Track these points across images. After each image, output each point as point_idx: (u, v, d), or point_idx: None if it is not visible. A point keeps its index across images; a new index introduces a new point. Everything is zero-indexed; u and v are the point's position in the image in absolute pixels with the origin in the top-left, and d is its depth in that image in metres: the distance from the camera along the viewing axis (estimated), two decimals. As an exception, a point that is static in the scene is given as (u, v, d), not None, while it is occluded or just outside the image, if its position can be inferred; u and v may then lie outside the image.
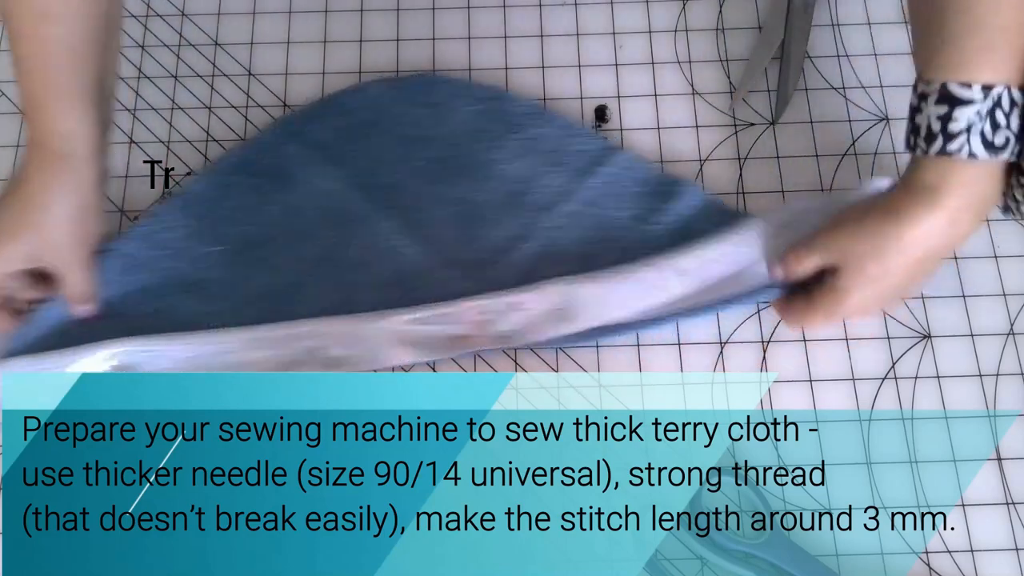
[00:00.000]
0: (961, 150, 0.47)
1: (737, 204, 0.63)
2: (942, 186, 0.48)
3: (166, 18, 0.70)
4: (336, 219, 0.61)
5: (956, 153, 0.47)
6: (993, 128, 0.47)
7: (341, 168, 0.63)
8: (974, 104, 0.47)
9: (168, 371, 0.57)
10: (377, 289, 0.59)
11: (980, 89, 0.47)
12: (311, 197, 0.62)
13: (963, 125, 0.47)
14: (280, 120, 0.65)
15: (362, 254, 0.60)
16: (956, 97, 0.47)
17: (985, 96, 0.47)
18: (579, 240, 0.60)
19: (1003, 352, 0.59)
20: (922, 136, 0.49)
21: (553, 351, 0.59)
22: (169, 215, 0.61)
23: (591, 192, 0.62)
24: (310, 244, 0.60)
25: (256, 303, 0.59)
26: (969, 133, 0.47)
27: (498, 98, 0.65)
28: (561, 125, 0.64)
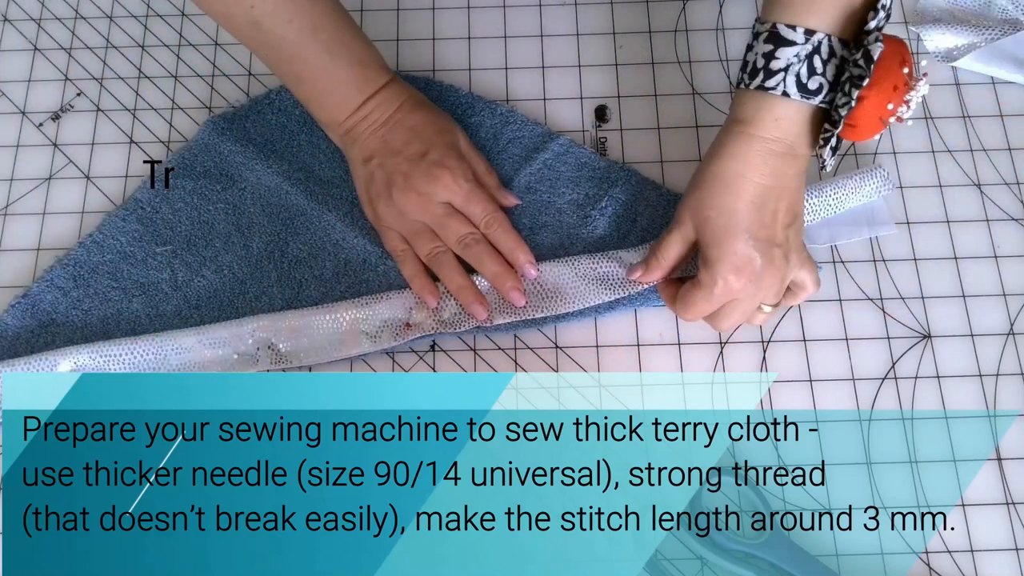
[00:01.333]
0: (777, 87, 0.49)
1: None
2: (754, 119, 0.51)
3: (166, 18, 0.70)
4: (279, 215, 0.62)
5: (772, 89, 0.49)
6: (809, 72, 0.49)
7: (281, 164, 0.63)
8: (796, 46, 0.49)
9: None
10: (323, 283, 0.60)
11: (803, 32, 0.48)
12: (252, 194, 0.63)
13: (782, 64, 0.49)
14: (211, 121, 0.65)
15: (306, 249, 0.61)
16: (781, 37, 0.49)
17: (807, 40, 0.49)
18: (520, 226, 0.61)
19: (1003, 352, 0.59)
20: (747, 72, 0.51)
21: (554, 351, 0.59)
22: (117, 222, 0.62)
23: (529, 178, 0.63)
24: (254, 241, 0.61)
25: (204, 303, 0.60)
26: (786, 72, 0.49)
27: (430, 89, 0.66)
28: (496, 113, 0.65)
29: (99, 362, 0.57)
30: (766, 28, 0.50)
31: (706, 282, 0.52)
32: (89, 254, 0.61)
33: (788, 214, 0.52)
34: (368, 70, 0.58)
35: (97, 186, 0.64)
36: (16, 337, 0.59)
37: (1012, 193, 0.63)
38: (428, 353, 0.60)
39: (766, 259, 0.51)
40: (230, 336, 0.58)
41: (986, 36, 0.66)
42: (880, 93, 0.48)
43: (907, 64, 0.49)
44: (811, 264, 0.55)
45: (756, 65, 0.50)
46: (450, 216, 0.58)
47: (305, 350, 0.58)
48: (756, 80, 0.50)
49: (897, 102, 0.49)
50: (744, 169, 0.51)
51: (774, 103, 0.50)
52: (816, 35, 0.49)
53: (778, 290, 0.53)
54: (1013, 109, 0.66)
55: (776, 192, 0.51)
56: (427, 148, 0.58)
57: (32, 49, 0.69)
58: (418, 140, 0.58)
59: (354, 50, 0.57)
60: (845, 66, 0.49)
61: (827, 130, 0.50)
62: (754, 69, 0.50)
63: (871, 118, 0.49)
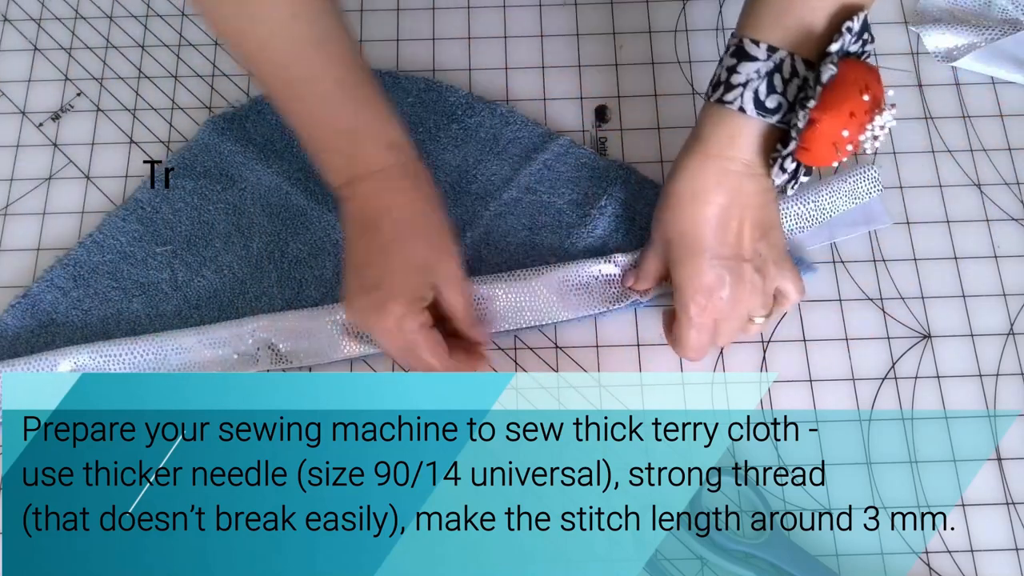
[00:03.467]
0: (734, 102, 0.48)
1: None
2: (710, 136, 0.50)
3: (166, 18, 0.70)
4: (278, 215, 0.62)
5: (729, 104, 0.48)
6: (768, 90, 0.48)
7: (280, 164, 0.63)
8: (757, 62, 0.48)
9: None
10: (324, 283, 0.60)
11: (766, 48, 0.48)
12: (253, 194, 0.63)
13: (743, 79, 0.48)
14: (211, 121, 0.65)
15: (307, 249, 0.61)
16: (745, 51, 0.48)
17: (769, 56, 0.48)
18: (520, 226, 0.61)
19: (1003, 352, 0.59)
20: (712, 84, 0.50)
21: (554, 351, 0.59)
22: (117, 222, 0.62)
23: (529, 178, 0.63)
24: (255, 241, 0.61)
25: (204, 303, 0.60)
26: (745, 88, 0.48)
27: (430, 89, 0.66)
28: (496, 113, 0.65)
29: (99, 362, 0.57)
30: (734, 42, 0.49)
31: (681, 308, 0.52)
32: (89, 254, 0.61)
33: (755, 229, 0.51)
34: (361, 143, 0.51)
35: (97, 186, 0.64)
36: (16, 337, 0.59)
37: (1012, 193, 0.63)
38: (428, 353, 0.60)
39: (735, 276, 0.51)
40: (230, 336, 0.58)
41: (986, 36, 0.66)
42: (834, 118, 0.47)
43: (870, 92, 0.47)
44: (793, 272, 0.54)
45: (720, 78, 0.49)
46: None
47: (305, 351, 0.58)
48: (716, 93, 0.49)
49: (854, 130, 0.47)
50: (700, 188, 0.50)
51: (730, 119, 0.49)
52: (779, 52, 0.48)
53: (762, 302, 0.53)
54: (1013, 109, 0.66)
55: (737, 210, 0.51)
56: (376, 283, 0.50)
57: (32, 49, 0.69)
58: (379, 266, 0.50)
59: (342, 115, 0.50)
60: (807, 87, 0.48)
61: (777, 150, 0.49)
62: (717, 82, 0.49)
63: (824, 142, 0.48)
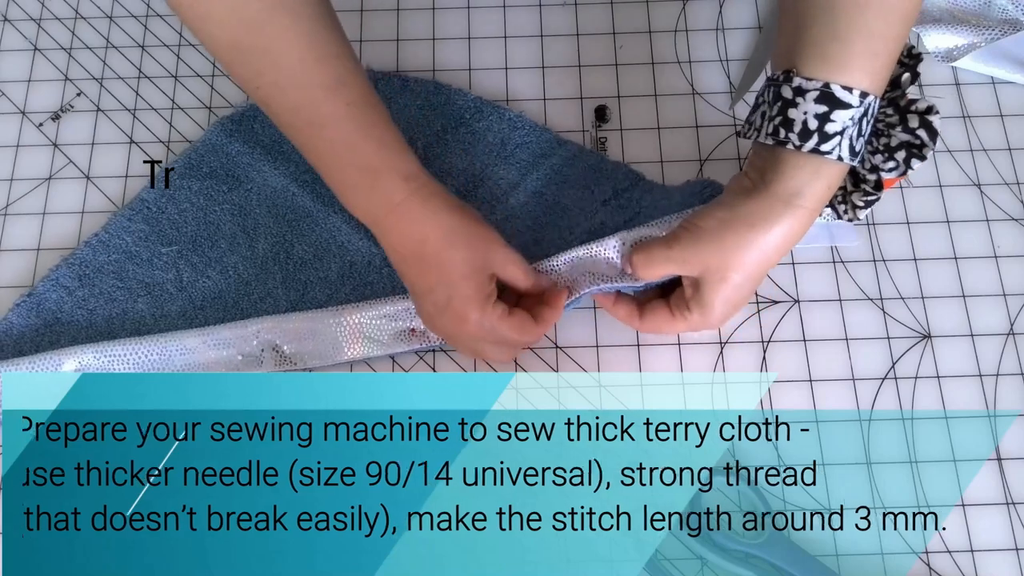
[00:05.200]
0: (832, 152, 0.47)
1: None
2: (808, 192, 0.48)
3: (166, 18, 0.70)
4: (284, 216, 0.62)
5: (827, 154, 0.47)
6: (858, 135, 0.47)
7: (288, 165, 0.63)
8: (851, 109, 0.46)
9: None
10: (328, 285, 0.60)
11: (859, 95, 0.46)
12: (259, 195, 0.63)
13: (839, 127, 0.46)
14: (220, 121, 0.65)
15: (312, 251, 0.61)
16: (837, 99, 0.46)
17: (861, 102, 0.46)
18: (527, 230, 0.61)
19: (1003, 352, 0.59)
20: (795, 131, 0.47)
21: (554, 351, 0.59)
22: (123, 222, 0.62)
23: (536, 183, 0.63)
24: (260, 243, 0.61)
25: (209, 303, 0.60)
26: (842, 136, 0.46)
27: (438, 92, 0.66)
28: (504, 118, 0.65)
29: (103, 362, 0.57)
30: (816, 87, 0.46)
31: (696, 322, 0.52)
32: (95, 253, 0.61)
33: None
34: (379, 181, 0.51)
35: (97, 186, 0.64)
36: (21, 336, 0.59)
37: (1012, 193, 0.63)
38: (428, 353, 0.60)
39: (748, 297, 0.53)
40: (234, 337, 0.58)
41: (986, 36, 0.66)
42: None
43: None
44: None
45: (808, 127, 0.46)
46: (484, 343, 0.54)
47: (310, 352, 0.58)
48: (810, 142, 0.46)
49: None
50: (786, 243, 0.49)
51: (827, 170, 0.47)
52: (868, 97, 0.46)
53: None
54: (1013, 109, 0.66)
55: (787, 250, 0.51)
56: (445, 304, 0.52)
57: (32, 49, 0.69)
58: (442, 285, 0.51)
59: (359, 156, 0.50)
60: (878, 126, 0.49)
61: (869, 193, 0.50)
62: (805, 130, 0.46)
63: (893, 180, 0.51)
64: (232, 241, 0.61)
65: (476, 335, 0.52)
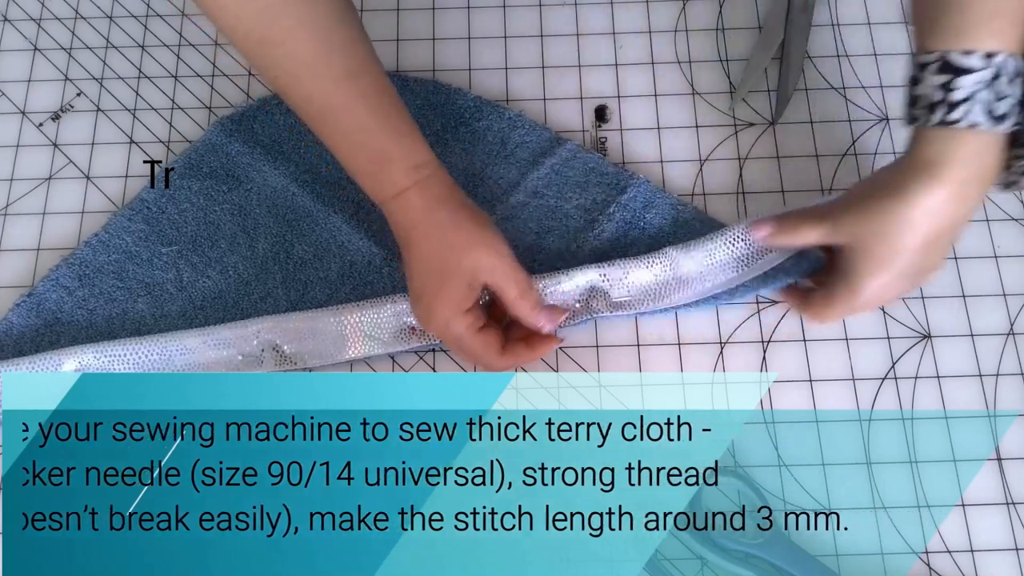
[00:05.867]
0: (963, 119, 0.46)
1: (737, 204, 0.63)
2: (944, 160, 0.47)
3: (166, 18, 0.70)
4: (284, 216, 0.62)
5: (958, 123, 0.46)
6: (996, 97, 0.46)
7: (288, 165, 0.63)
8: (975, 72, 0.45)
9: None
10: (328, 284, 0.60)
11: (982, 57, 0.45)
12: (259, 196, 0.63)
13: (965, 94, 0.46)
14: (220, 121, 0.65)
15: (312, 250, 0.61)
16: (957, 66, 0.46)
17: (987, 64, 0.45)
18: (527, 231, 0.61)
19: (1003, 352, 0.59)
20: (922, 107, 0.47)
21: (553, 351, 0.59)
22: (123, 222, 0.62)
23: (536, 183, 0.63)
24: (260, 242, 0.61)
25: (209, 303, 0.60)
26: (971, 102, 0.46)
27: (438, 92, 0.66)
28: (504, 117, 0.65)
29: (103, 362, 0.57)
30: (934, 58, 0.46)
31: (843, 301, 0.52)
32: (95, 253, 0.61)
33: (951, 244, 0.51)
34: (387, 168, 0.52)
35: (97, 186, 0.64)
36: (21, 336, 0.59)
37: (1012, 193, 0.63)
38: (428, 353, 0.60)
39: (912, 284, 0.51)
40: (235, 337, 0.58)
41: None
42: None
43: None
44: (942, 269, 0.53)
45: (933, 99, 0.46)
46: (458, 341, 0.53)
47: (310, 352, 0.58)
48: (936, 115, 0.46)
49: None
50: (928, 215, 0.48)
51: (962, 138, 0.47)
52: (997, 56, 0.45)
53: None
54: (1013, 109, 0.66)
55: (950, 231, 0.49)
56: (421, 292, 0.52)
57: (32, 49, 0.69)
58: (420, 275, 0.52)
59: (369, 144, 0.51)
60: None
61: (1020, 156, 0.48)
62: (931, 104, 0.47)
63: None
64: (232, 241, 0.61)
65: (440, 332, 0.53)
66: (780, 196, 0.63)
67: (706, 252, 0.58)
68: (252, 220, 0.62)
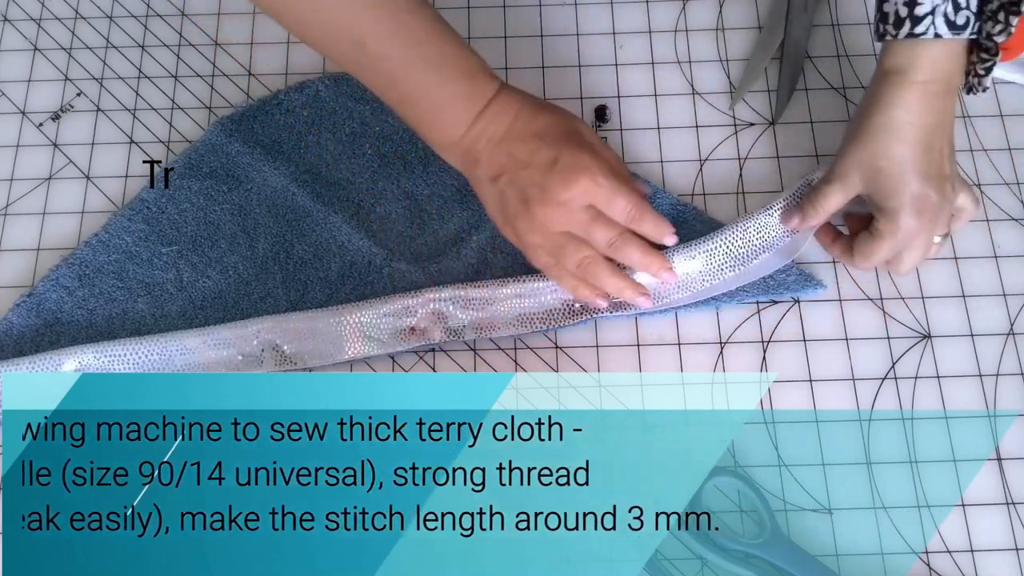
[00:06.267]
0: (927, 31, 0.51)
1: (737, 204, 0.63)
2: (911, 66, 0.53)
3: (166, 18, 0.70)
4: (284, 216, 0.62)
5: (923, 35, 0.51)
6: (955, 9, 0.51)
7: (288, 166, 0.63)
8: None
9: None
10: (328, 284, 0.60)
11: None
12: (259, 196, 0.63)
13: (927, 8, 0.51)
14: (220, 121, 0.65)
15: (312, 250, 0.61)
16: None
17: None
18: None
19: (1003, 352, 0.59)
20: (890, 23, 0.52)
21: (554, 351, 0.59)
22: (123, 222, 0.62)
23: None
24: (260, 242, 0.61)
25: (209, 303, 0.60)
26: (933, 15, 0.51)
27: None
28: None
29: (103, 362, 0.57)
30: None
31: (888, 231, 0.54)
32: (95, 253, 0.61)
33: (949, 146, 0.54)
34: (477, 80, 0.54)
35: (97, 186, 0.64)
36: (21, 336, 0.59)
37: (1012, 193, 0.63)
38: (428, 353, 0.60)
39: (940, 195, 0.54)
40: (235, 337, 0.58)
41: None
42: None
43: None
44: (967, 187, 0.57)
45: (900, 15, 0.52)
46: (594, 221, 0.54)
47: (310, 352, 0.58)
48: (903, 29, 0.52)
49: None
50: (908, 116, 0.53)
51: (927, 47, 0.52)
52: None
53: (947, 219, 0.56)
54: (1013, 109, 0.66)
55: (939, 130, 0.53)
56: (557, 153, 0.54)
57: (32, 49, 0.69)
58: (546, 146, 0.54)
59: (460, 61, 0.54)
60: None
61: (986, 59, 0.53)
62: (898, 19, 0.52)
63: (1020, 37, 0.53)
64: (232, 241, 0.61)
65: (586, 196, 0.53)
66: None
67: (706, 252, 0.58)
68: (252, 220, 0.62)
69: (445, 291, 0.58)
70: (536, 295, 0.59)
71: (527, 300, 0.59)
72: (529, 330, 0.58)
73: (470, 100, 0.54)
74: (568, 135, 0.55)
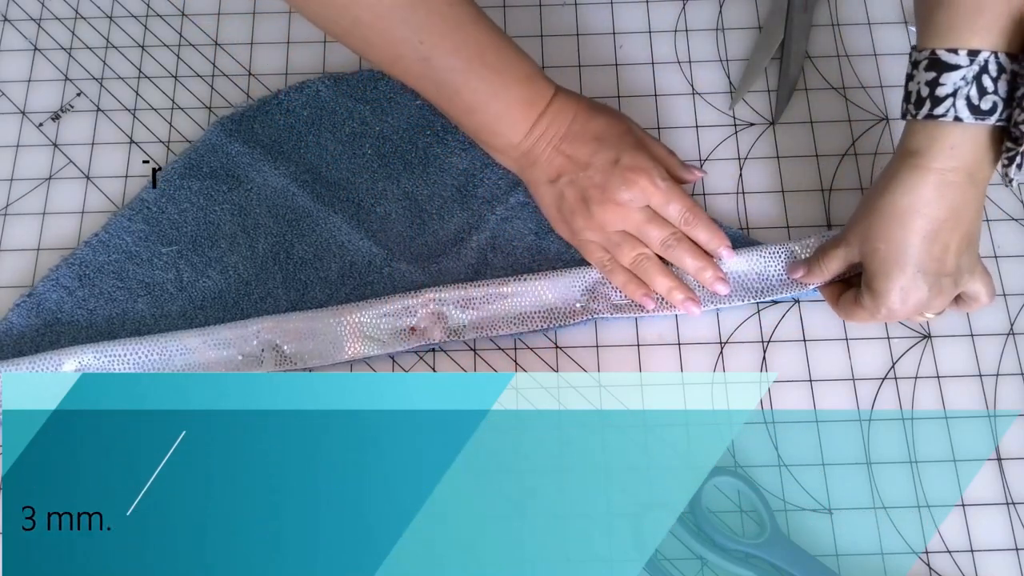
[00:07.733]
0: (947, 113, 0.48)
1: (737, 204, 0.63)
2: (928, 150, 0.50)
3: (166, 18, 0.70)
4: (285, 216, 0.62)
5: (942, 117, 0.48)
6: (980, 93, 0.48)
7: (288, 166, 0.63)
8: (960, 69, 0.48)
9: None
10: (328, 284, 0.60)
11: (967, 54, 0.48)
12: (259, 196, 0.63)
13: (949, 90, 0.48)
14: (220, 121, 0.65)
15: (312, 250, 0.61)
16: (943, 63, 0.48)
17: (971, 61, 0.48)
18: (527, 231, 0.61)
19: (1003, 352, 0.59)
20: (912, 102, 0.50)
21: (554, 351, 0.59)
22: (123, 222, 0.62)
23: None
24: (260, 242, 0.61)
25: (209, 303, 0.60)
26: (955, 97, 0.48)
27: None
28: None
29: (104, 362, 0.57)
30: (925, 56, 0.49)
31: (869, 308, 0.54)
32: (95, 253, 0.61)
33: (963, 242, 0.52)
34: (535, 85, 0.55)
35: (97, 186, 0.64)
36: (21, 336, 0.59)
37: (1012, 193, 0.63)
38: (428, 353, 0.60)
39: (934, 290, 0.52)
40: (235, 337, 0.58)
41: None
42: None
43: None
44: (984, 276, 0.55)
45: (920, 94, 0.49)
46: (650, 221, 0.57)
47: (310, 352, 0.58)
48: (923, 109, 0.49)
49: None
50: (917, 203, 0.50)
51: (946, 131, 0.49)
52: (981, 54, 0.47)
53: (943, 304, 0.54)
54: (1013, 109, 0.66)
55: (951, 224, 0.50)
56: (617, 154, 0.56)
57: (32, 49, 0.69)
58: (605, 148, 0.56)
59: (519, 68, 0.55)
60: (1018, 80, 0.48)
61: (1010, 148, 0.49)
62: (919, 99, 0.49)
63: None
64: (232, 241, 0.61)
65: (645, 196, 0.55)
66: (780, 196, 0.63)
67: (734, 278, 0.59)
68: (252, 220, 0.62)
69: (445, 291, 0.58)
70: (537, 294, 0.59)
71: (527, 300, 0.59)
72: (529, 330, 0.59)
73: (530, 105, 0.55)
74: (623, 136, 0.57)
